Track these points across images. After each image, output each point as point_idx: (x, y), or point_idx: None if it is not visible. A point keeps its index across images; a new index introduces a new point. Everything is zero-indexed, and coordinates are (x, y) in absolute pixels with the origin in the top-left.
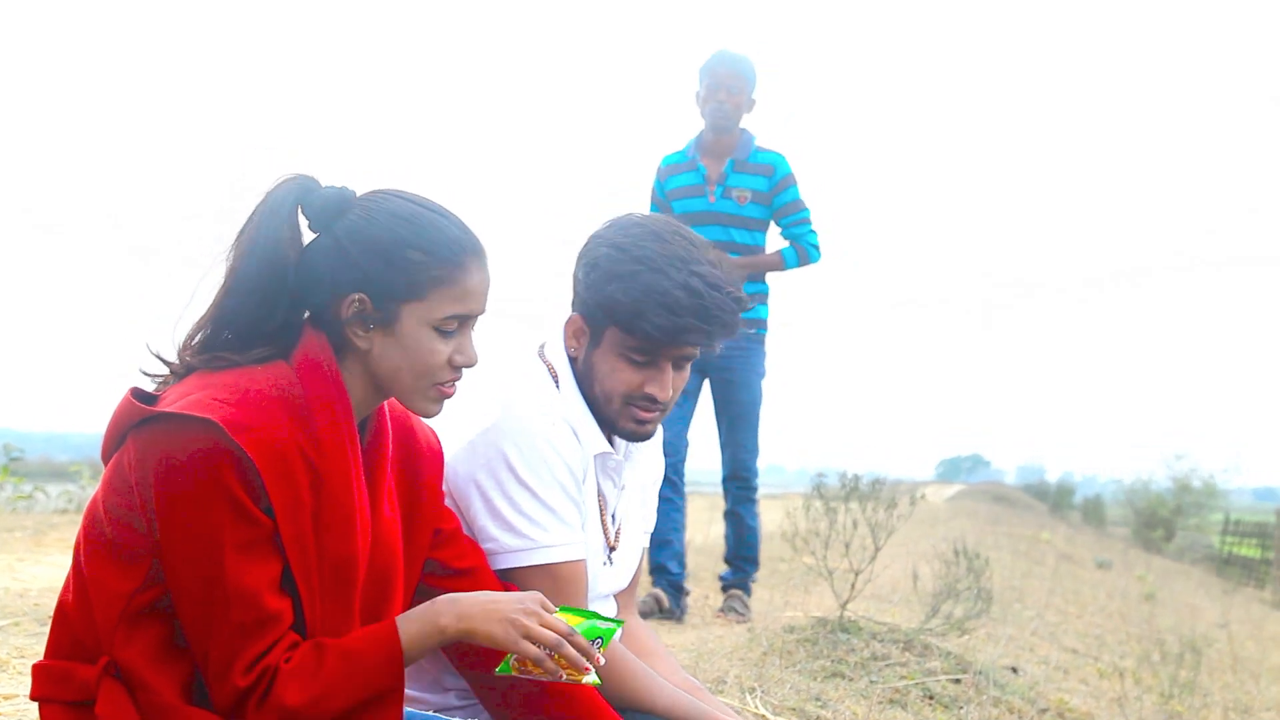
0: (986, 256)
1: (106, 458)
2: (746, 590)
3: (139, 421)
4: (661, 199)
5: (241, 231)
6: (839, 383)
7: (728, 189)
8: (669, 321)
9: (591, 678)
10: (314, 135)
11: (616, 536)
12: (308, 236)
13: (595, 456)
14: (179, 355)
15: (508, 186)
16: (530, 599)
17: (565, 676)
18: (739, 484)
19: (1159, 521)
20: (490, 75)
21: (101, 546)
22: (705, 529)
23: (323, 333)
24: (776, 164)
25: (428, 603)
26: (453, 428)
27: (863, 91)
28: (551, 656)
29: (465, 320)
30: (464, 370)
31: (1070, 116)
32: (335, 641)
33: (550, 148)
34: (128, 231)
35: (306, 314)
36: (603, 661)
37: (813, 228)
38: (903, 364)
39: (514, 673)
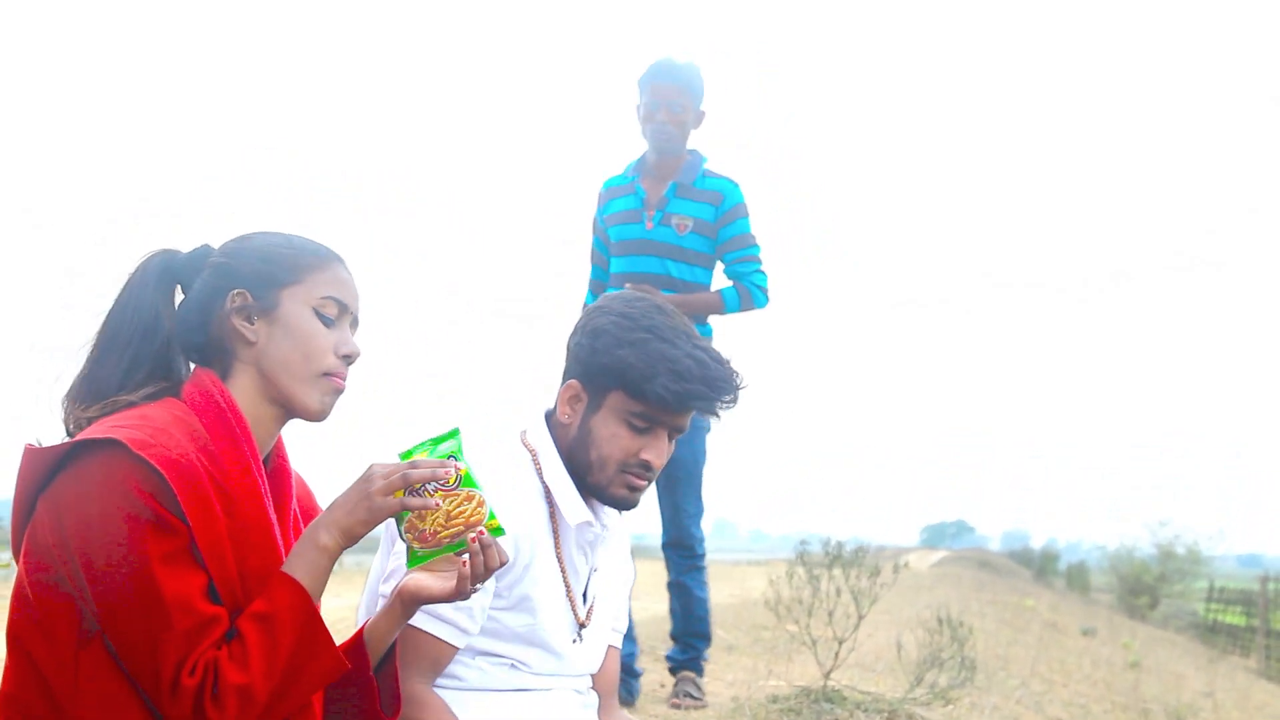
0: (986, 256)
1: (18, 533)
2: (699, 670)
3: (44, 481)
4: (601, 227)
5: (114, 302)
6: (826, 418)
7: (667, 215)
8: (678, 387)
9: (483, 511)
10: (314, 135)
11: (588, 615)
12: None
13: (576, 527)
14: (69, 417)
15: (508, 186)
16: (363, 475)
17: (448, 505)
18: (682, 552)
19: (1143, 588)
20: (491, 74)
21: (35, 623)
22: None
23: (210, 369)
24: (726, 191)
25: (298, 540)
26: None
27: (863, 91)
28: (424, 493)
29: (343, 310)
30: (349, 363)
31: (1070, 116)
32: (244, 615)
33: (551, 148)
34: (125, 243)
35: (192, 365)
36: (465, 465)
37: (762, 268)
38: (897, 377)
39: (417, 544)
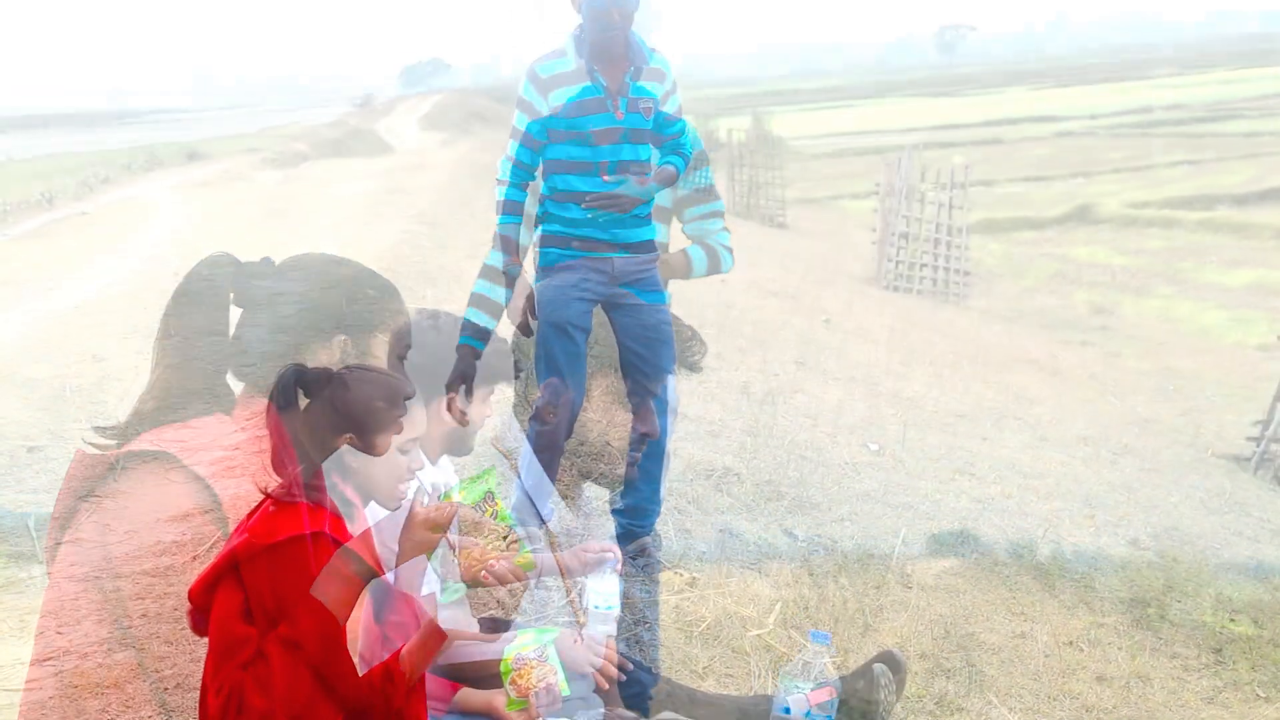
0: None
1: (55, 531)
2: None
3: (91, 485)
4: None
5: (174, 311)
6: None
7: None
8: None
9: (515, 549)
10: None
11: None
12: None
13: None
14: (130, 425)
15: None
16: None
17: (485, 543)
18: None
19: (1151, 597)
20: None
21: (51, 614)
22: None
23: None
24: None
25: (328, 564)
26: None
27: None
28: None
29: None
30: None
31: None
32: (271, 638)
33: None
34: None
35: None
36: (500, 502)
37: (725, 224)
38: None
39: (463, 563)
